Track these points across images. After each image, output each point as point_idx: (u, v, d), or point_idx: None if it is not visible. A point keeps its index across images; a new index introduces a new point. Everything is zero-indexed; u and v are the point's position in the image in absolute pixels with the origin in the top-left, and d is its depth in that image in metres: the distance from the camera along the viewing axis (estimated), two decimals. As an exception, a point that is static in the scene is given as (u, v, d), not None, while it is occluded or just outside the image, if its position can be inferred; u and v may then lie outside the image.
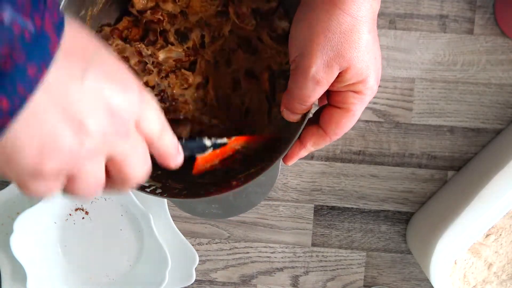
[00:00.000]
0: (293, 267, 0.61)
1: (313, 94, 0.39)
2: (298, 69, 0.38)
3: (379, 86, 0.57)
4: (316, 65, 0.37)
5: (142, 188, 0.44)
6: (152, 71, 0.48)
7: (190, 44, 0.48)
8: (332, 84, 0.38)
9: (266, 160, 0.44)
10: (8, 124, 0.23)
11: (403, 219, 0.60)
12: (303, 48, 0.38)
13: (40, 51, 0.23)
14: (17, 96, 0.22)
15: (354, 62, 0.37)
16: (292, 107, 0.40)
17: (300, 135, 0.42)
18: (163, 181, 0.46)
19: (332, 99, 0.40)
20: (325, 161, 0.59)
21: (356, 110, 0.39)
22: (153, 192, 0.44)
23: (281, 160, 0.43)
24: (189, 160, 0.51)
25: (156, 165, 0.49)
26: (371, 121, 0.58)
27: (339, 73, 0.37)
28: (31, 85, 0.23)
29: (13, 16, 0.22)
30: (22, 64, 0.22)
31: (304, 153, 0.43)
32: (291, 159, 0.43)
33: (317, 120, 0.41)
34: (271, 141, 0.48)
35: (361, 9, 0.36)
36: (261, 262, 0.61)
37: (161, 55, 0.48)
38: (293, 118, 0.41)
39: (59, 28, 0.24)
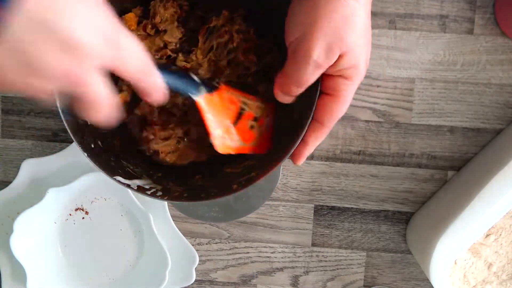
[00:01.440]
0: (293, 267, 0.61)
1: (311, 78, 0.39)
2: (298, 52, 0.38)
3: (379, 86, 0.57)
4: (318, 48, 0.37)
5: (142, 190, 0.44)
6: None
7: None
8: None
9: (267, 164, 0.44)
10: None
11: (403, 219, 0.60)
12: (304, 31, 0.37)
13: None
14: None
15: (353, 47, 0.37)
16: (288, 90, 0.40)
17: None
18: (163, 183, 0.46)
19: (323, 86, 0.40)
20: (325, 161, 0.59)
21: (347, 96, 0.40)
22: (153, 195, 0.44)
23: (282, 164, 0.43)
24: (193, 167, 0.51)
25: (157, 167, 0.49)
26: (371, 121, 0.58)
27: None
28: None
29: None
30: None
31: (309, 150, 0.43)
32: (299, 159, 0.44)
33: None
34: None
35: None
36: (261, 262, 0.61)
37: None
38: (288, 99, 0.42)
39: None
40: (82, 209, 0.59)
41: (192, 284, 0.60)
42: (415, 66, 0.57)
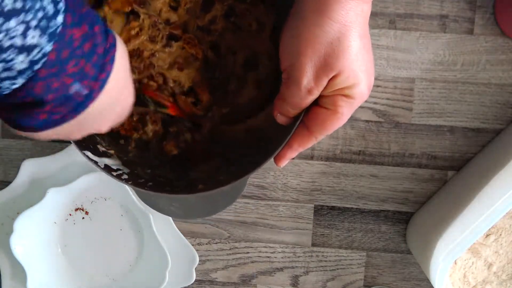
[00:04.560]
0: (293, 267, 0.61)
1: (305, 102, 0.39)
2: (290, 79, 0.39)
3: (379, 86, 0.57)
4: (307, 77, 0.38)
5: (109, 169, 0.43)
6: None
7: None
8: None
9: (237, 172, 0.44)
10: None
11: (403, 219, 0.60)
12: (293, 60, 0.38)
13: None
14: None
15: (343, 70, 0.37)
16: (285, 112, 0.41)
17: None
18: (132, 167, 0.46)
19: (320, 100, 0.40)
20: (325, 161, 0.59)
21: (344, 113, 0.39)
22: (118, 177, 0.43)
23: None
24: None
25: (128, 151, 0.49)
26: (371, 121, 0.58)
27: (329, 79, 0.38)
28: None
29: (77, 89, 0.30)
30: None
31: (292, 154, 0.43)
32: (281, 161, 0.44)
33: (302, 119, 0.42)
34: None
35: (349, 14, 0.36)
36: (261, 262, 0.61)
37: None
38: (286, 121, 0.42)
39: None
40: (82, 209, 0.59)
41: (192, 284, 0.60)
42: (415, 66, 0.57)
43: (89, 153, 0.43)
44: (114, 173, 0.43)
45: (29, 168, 0.59)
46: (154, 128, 0.51)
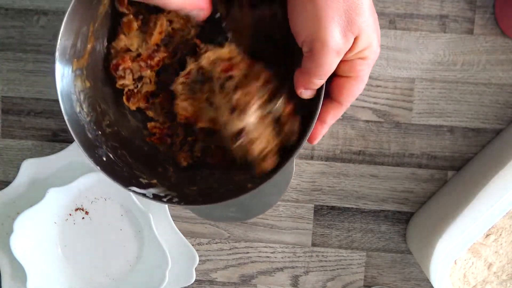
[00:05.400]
0: (293, 267, 0.61)
1: (332, 67, 0.39)
2: (314, 46, 0.38)
3: (379, 86, 0.57)
4: (334, 38, 0.37)
5: (159, 198, 0.44)
6: None
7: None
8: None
9: (280, 159, 0.44)
10: None
11: (403, 219, 0.60)
12: (312, 26, 0.37)
13: None
14: None
15: (364, 27, 0.38)
16: (312, 85, 0.41)
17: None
18: (178, 189, 0.46)
19: (339, 70, 0.40)
20: (325, 161, 0.59)
21: (364, 75, 0.41)
22: (170, 201, 0.44)
23: (296, 152, 0.43)
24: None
25: (169, 176, 0.49)
26: (371, 121, 0.58)
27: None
28: None
29: None
30: None
31: (325, 129, 0.44)
32: (315, 138, 0.44)
33: (327, 94, 0.42)
34: None
35: None
36: (261, 262, 0.61)
37: None
38: (311, 94, 0.42)
39: None
40: (82, 209, 0.59)
41: (192, 284, 0.60)
42: (415, 66, 0.57)
43: (135, 188, 0.44)
44: (165, 199, 0.44)
45: (29, 168, 0.59)
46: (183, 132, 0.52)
